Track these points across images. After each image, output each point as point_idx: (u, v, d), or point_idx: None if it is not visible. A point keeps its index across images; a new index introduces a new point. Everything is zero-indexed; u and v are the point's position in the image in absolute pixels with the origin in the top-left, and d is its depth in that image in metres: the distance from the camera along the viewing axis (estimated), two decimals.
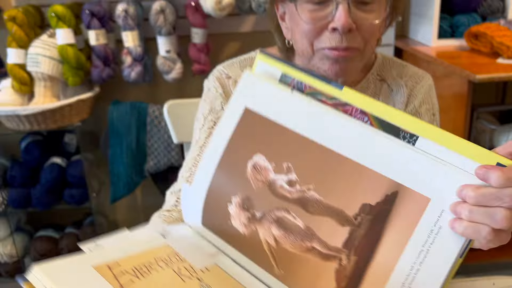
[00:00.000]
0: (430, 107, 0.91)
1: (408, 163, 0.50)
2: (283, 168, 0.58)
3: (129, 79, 1.96)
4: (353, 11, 0.73)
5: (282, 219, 0.57)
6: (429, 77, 0.93)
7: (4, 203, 2.03)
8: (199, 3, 1.87)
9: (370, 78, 0.90)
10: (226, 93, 0.89)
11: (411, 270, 0.49)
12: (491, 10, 2.00)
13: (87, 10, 1.87)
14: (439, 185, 0.49)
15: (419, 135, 0.50)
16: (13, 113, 1.83)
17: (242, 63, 0.92)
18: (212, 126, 0.88)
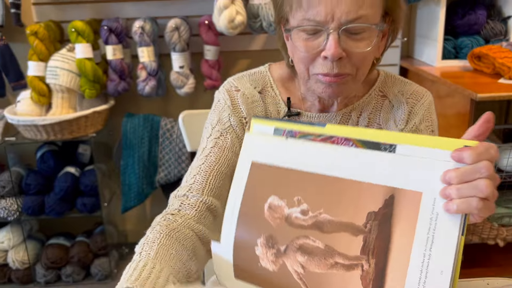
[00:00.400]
0: (430, 124, 0.94)
1: (395, 168, 0.59)
2: (295, 202, 0.66)
3: (143, 93, 2.03)
4: (344, 40, 0.76)
5: (304, 245, 0.64)
6: (429, 95, 0.96)
7: (19, 210, 2.09)
8: (212, 22, 1.96)
9: (373, 94, 0.94)
10: (233, 105, 0.93)
11: (424, 256, 0.55)
12: (494, 33, 2.07)
13: (105, 26, 1.96)
14: (425, 178, 0.57)
15: (397, 143, 0.60)
16: (32, 123, 1.91)
17: (251, 76, 0.97)
18: (219, 137, 0.91)
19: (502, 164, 1.83)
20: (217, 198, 0.85)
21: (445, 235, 0.55)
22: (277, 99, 0.94)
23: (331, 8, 0.73)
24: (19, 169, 2.17)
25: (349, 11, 0.73)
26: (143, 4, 2.11)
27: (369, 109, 0.93)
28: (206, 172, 0.86)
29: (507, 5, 2.08)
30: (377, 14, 0.77)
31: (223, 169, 0.87)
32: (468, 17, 2.08)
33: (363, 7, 0.73)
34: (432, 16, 2.09)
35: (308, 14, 0.75)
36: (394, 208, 0.58)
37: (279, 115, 0.94)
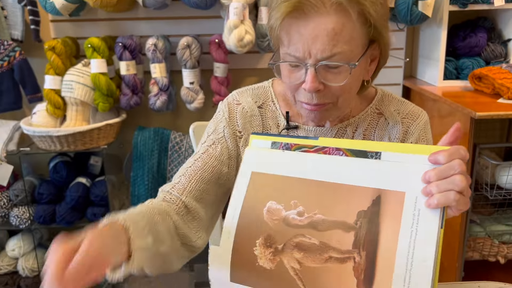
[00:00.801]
0: (426, 143, 0.99)
1: (380, 172, 0.69)
2: (291, 205, 0.73)
3: (154, 107, 2.11)
4: (321, 74, 0.81)
5: (300, 243, 0.70)
6: (424, 114, 1.00)
7: (30, 218, 2.15)
8: (222, 40, 2.04)
9: (369, 111, 0.99)
10: (230, 119, 1.00)
11: (409, 247, 0.63)
12: (494, 55, 2.13)
13: (120, 43, 2.05)
14: (407, 180, 0.66)
15: (382, 151, 0.70)
16: (47, 133, 1.98)
17: (254, 90, 1.04)
18: (210, 145, 0.99)
19: (502, 182, 1.88)
20: (197, 200, 0.91)
21: (427, 228, 0.63)
22: (277, 113, 1.01)
23: (308, 46, 0.79)
24: (32, 178, 2.24)
25: (324, 49, 0.79)
26: (156, 23, 2.20)
27: (365, 126, 0.98)
28: (190, 176, 0.93)
29: (507, 28, 2.16)
30: (355, 49, 0.81)
31: (206, 175, 0.94)
32: (469, 39, 2.15)
33: (337, 46, 0.78)
34: (434, 38, 2.16)
35: (290, 50, 0.82)
36: (381, 206, 0.67)
37: (279, 128, 0.99)
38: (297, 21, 0.80)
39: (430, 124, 1.02)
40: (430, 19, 2.07)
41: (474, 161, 1.81)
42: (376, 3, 0.80)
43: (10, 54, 2.10)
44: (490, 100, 1.87)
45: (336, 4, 0.77)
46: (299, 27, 0.80)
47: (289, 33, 0.82)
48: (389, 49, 0.89)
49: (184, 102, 2.15)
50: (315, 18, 0.78)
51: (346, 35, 0.79)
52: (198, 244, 0.90)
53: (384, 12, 0.83)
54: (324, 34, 0.78)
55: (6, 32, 2.13)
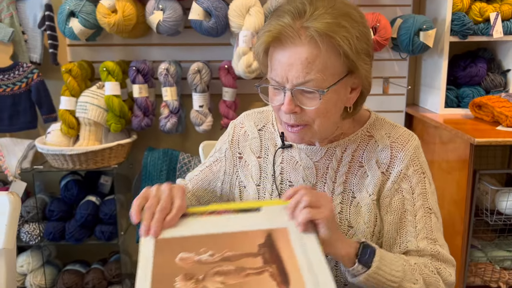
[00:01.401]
0: (419, 167, 1.02)
1: (263, 219, 0.91)
2: (202, 252, 0.84)
3: (164, 129, 2.19)
4: (297, 97, 0.91)
5: (219, 271, 0.80)
6: (414, 139, 1.04)
7: (40, 235, 2.21)
8: (231, 66, 2.13)
9: (360, 133, 1.05)
10: (233, 141, 1.16)
11: (305, 258, 0.81)
12: (494, 84, 2.21)
13: (133, 67, 2.14)
14: (283, 220, 0.89)
15: (259, 206, 0.94)
16: (60, 152, 2.06)
17: (259, 114, 1.17)
18: (214, 161, 1.18)
19: (502, 207, 1.92)
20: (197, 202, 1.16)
21: (310, 241, 0.84)
22: (275, 134, 1.12)
23: (285, 72, 0.90)
24: (43, 196, 2.31)
25: (298, 76, 0.89)
26: (169, 49, 2.30)
27: (354, 147, 1.05)
28: (194, 182, 1.18)
29: (506, 59, 2.24)
30: (328, 77, 0.89)
31: (205, 185, 1.17)
32: (470, 69, 2.23)
33: (311, 73, 0.88)
34: (435, 67, 2.25)
35: (272, 75, 0.93)
36: (274, 238, 0.86)
37: (276, 147, 1.11)
38: (277, 50, 0.91)
39: (432, 150, 1.08)
40: (431, 49, 2.16)
41: (474, 186, 1.86)
42: (350, 38, 0.88)
43: (29, 76, 2.20)
44: (490, 128, 1.93)
45: (310, 37, 0.87)
46: (278, 55, 0.91)
47: (271, 60, 0.93)
48: (369, 80, 0.96)
49: (193, 124, 2.23)
50: (291, 48, 0.88)
51: (319, 64, 0.88)
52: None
53: (362, 47, 0.90)
54: (298, 63, 0.88)
55: (26, 55, 2.23)
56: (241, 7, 2.01)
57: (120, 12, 2.01)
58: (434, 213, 1.03)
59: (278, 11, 0.93)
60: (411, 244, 1.00)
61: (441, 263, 1.00)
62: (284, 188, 1.09)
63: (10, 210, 0.97)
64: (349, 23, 0.88)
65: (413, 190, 1.02)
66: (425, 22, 2.08)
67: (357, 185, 1.04)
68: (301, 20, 0.88)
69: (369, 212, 1.02)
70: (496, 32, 2.10)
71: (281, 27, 0.88)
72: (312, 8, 0.88)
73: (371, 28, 2.06)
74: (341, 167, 1.05)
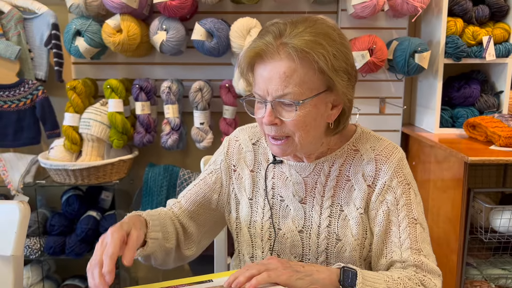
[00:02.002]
0: (402, 179, 1.05)
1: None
2: None
3: (165, 145, 2.23)
4: (277, 109, 0.97)
5: None
6: (398, 151, 1.08)
7: (41, 249, 2.23)
8: (232, 85, 2.19)
9: (346, 147, 1.09)
10: (228, 154, 1.19)
11: None
12: (487, 105, 2.27)
13: (137, 85, 2.20)
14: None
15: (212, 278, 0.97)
16: (63, 167, 2.10)
17: (252, 129, 1.21)
18: (209, 174, 1.20)
19: (496, 225, 1.96)
20: (190, 218, 1.17)
21: None
22: (267, 150, 1.16)
23: (265, 86, 0.96)
24: (45, 210, 2.34)
25: (277, 89, 0.95)
26: (171, 68, 2.37)
27: (341, 161, 1.09)
28: (187, 197, 1.19)
29: (499, 81, 2.30)
30: (306, 91, 0.94)
31: (199, 199, 1.18)
32: (464, 90, 2.29)
33: (288, 87, 0.94)
34: (430, 88, 2.31)
35: (255, 89, 1.00)
36: None
37: (268, 162, 1.15)
38: (259, 65, 0.98)
39: (427, 169, 1.12)
40: (426, 70, 2.23)
41: (468, 204, 1.90)
42: (326, 55, 0.93)
43: (34, 93, 2.25)
44: (483, 147, 1.98)
45: (288, 53, 0.93)
46: (260, 70, 0.98)
47: (255, 75, 1.00)
48: (349, 97, 1.01)
49: (194, 141, 2.27)
50: (271, 63, 0.95)
51: (297, 78, 0.94)
52: (187, 253, 1.16)
53: (339, 64, 0.95)
54: (277, 77, 0.94)
55: (32, 72, 2.29)
56: (242, 29, 2.08)
57: (125, 32, 2.07)
58: (420, 223, 1.04)
59: (262, 31, 1.00)
60: (395, 255, 1.02)
61: (426, 274, 1.00)
62: (275, 203, 1.13)
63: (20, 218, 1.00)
64: (326, 42, 0.94)
65: (398, 201, 1.04)
66: (420, 45, 2.16)
67: (345, 199, 1.07)
68: (281, 39, 0.95)
69: (357, 225, 1.05)
70: (489, 55, 2.17)
71: (263, 44, 0.95)
72: (292, 27, 0.96)
73: (367, 50, 2.13)
74: (329, 182, 1.08)
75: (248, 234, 1.15)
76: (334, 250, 1.07)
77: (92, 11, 2.14)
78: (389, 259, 1.03)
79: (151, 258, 1.07)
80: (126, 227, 0.92)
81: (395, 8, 2.17)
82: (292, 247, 1.10)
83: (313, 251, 1.09)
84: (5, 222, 1.00)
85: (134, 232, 0.92)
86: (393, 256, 1.02)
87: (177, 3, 2.03)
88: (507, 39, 2.21)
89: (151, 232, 0.99)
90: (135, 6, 2.06)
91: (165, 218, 1.11)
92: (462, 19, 2.21)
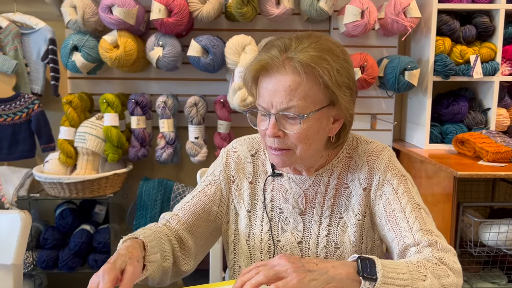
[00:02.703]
0: (396, 171, 1.07)
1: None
2: None
3: (160, 159, 2.25)
4: (281, 122, 0.99)
5: None
6: (388, 150, 1.11)
7: (33, 263, 2.22)
8: (227, 100, 2.23)
9: (341, 156, 1.11)
10: (227, 165, 1.19)
11: None
12: (475, 122, 2.33)
13: (133, 99, 2.23)
14: None
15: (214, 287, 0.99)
16: (58, 180, 2.11)
17: (250, 140, 1.22)
18: (207, 185, 1.18)
19: (485, 239, 1.99)
20: (188, 232, 1.13)
21: None
22: (265, 162, 1.17)
23: (270, 98, 0.98)
24: (38, 224, 2.34)
25: (282, 101, 0.97)
26: (167, 83, 2.40)
27: (338, 170, 1.12)
28: (186, 210, 1.16)
29: (487, 98, 2.36)
30: (310, 105, 0.97)
31: (198, 211, 1.16)
32: (452, 107, 2.35)
33: (293, 100, 0.96)
34: (420, 105, 2.37)
35: (259, 101, 1.01)
36: None
37: (266, 174, 1.16)
38: (264, 78, 1.00)
39: (418, 184, 1.13)
40: (416, 87, 2.29)
41: (458, 218, 1.94)
42: (331, 70, 0.96)
43: (29, 107, 2.27)
44: (472, 162, 2.03)
45: (293, 67, 0.96)
46: (265, 83, 0.99)
47: (259, 88, 1.02)
48: (350, 112, 1.03)
49: (189, 155, 2.30)
50: (277, 76, 0.97)
51: (301, 92, 0.96)
52: (185, 268, 1.12)
53: (342, 80, 0.98)
54: (282, 90, 0.96)
55: (28, 87, 2.31)
56: (237, 46, 2.13)
57: (122, 48, 2.11)
58: (423, 208, 1.04)
59: (268, 45, 1.02)
60: (407, 239, 0.99)
61: (442, 253, 0.95)
62: (274, 215, 1.14)
63: (21, 227, 1.02)
64: (330, 57, 0.97)
65: (396, 191, 1.05)
66: (409, 63, 2.22)
67: (344, 206, 1.10)
68: (287, 53, 0.97)
69: (355, 232, 1.08)
70: (476, 73, 2.23)
71: (268, 58, 0.98)
72: (297, 42, 0.98)
73: (359, 67, 2.19)
74: (329, 191, 1.11)
75: (246, 247, 1.15)
76: (333, 258, 1.08)
77: (90, 27, 2.18)
78: (401, 245, 1.00)
79: (148, 279, 1.03)
80: (120, 264, 0.88)
81: (385, 27, 2.23)
82: None
83: None
84: (6, 231, 1.02)
85: (130, 268, 0.88)
86: (405, 241, 0.99)
87: (173, 20, 2.08)
88: (494, 58, 2.28)
89: (149, 255, 0.96)
90: (132, 22, 2.10)
91: (161, 236, 1.07)
92: (450, 39, 2.28)
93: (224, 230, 1.21)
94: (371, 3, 2.17)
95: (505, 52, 2.31)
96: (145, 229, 1.06)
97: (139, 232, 1.01)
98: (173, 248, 1.09)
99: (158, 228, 1.09)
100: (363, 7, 2.15)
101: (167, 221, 1.14)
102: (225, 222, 1.20)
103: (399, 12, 2.16)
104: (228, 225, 1.19)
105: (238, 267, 1.19)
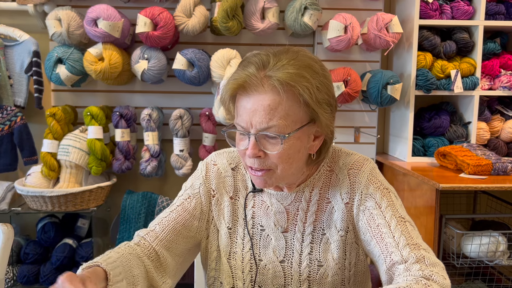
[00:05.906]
0: (378, 185, 1.05)
1: None
2: None
3: (144, 172, 2.24)
4: (261, 142, 0.95)
5: None
6: (369, 162, 1.08)
7: (14, 278, 2.18)
8: (212, 113, 2.23)
9: (322, 170, 1.08)
10: (207, 178, 1.13)
11: None
12: (456, 135, 2.37)
13: (117, 112, 2.22)
14: None
15: None
16: (40, 194, 2.08)
17: (230, 154, 1.16)
18: (186, 199, 1.11)
19: (467, 251, 2.02)
20: (166, 249, 1.05)
21: None
22: (245, 178, 1.13)
23: (249, 118, 0.94)
24: (19, 238, 2.29)
25: (262, 121, 0.93)
26: (152, 96, 2.40)
27: (320, 185, 1.09)
28: (164, 225, 1.07)
29: (467, 112, 2.41)
30: (291, 124, 0.94)
31: (178, 227, 1.08)
32: (434, 121, 2.39)
33: (273, 119, 0.93)
34: (403, 118, 2.41)
35: (238, 120, 0.98)
36: None
37: (247, 190, 1.12)
38: (243, 97, 0.96)
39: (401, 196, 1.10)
40: (398, 101, 2.32)
41: (440, 230, 1.96)
42: (310, 88, 0.94)
43: (12, 119, 2.25)
44: (453, 175, 2.06)
45: (272, 86, 0.93)
46: (243, 101, 0.96)
47: (237, 106, 0.98)
48: (331, 128, 1.02)
49: (174, 168, 2.29)
50: (255, 95, 0.94)
51: (281, 111, 0.93)
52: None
53: (322, 97, 0.96)
54: (261, 109, 0.93)
55: (10, 99, 2.29)
56: (222, 59, 2.14)
57: (107, 60, 2.11)
58: (408, 221, 1.02)
59: (244, 61, 0.98)
60: (394, 255, 0.96)
61: (431, 268, 0.93)
62: (255, 233, 1.10)
63: (3, 240, 1.00)
64: (310, 74, 0.94)
65: (380, 205, 1.03)
66: (392, 77, 2.26)
67: (326, 222, 1.07)
68: (265, 70, 0.94)
69: (337, 249, 1.06)
70: (457, 88, 2.28)
71: (246, 76, 0.94)
72: (275, 59, 0.95)
73: (342, 81, 2.22)
74: (310, 206, 1.08)
75: (228, 265, 1.11)
76: (316, 276, 1.06)
77: (75, 39, 2.17)
78: (389, 262, 0.97)
79: None
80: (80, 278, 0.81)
81: (368, 42, 2.28)
82: (274, 278, 1.08)
83: (295, 280, 1.07)
84: None
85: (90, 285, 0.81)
86: (392, 257, 0.96)
87: (159, 33, 2.09)
88: (473, 73, 2.34)
89: (112, 285, 0.88)
90: (117, 35, 2.11)
91: (130, 260, 0.96)
92: (431, 54, 2.33)
93: (203, 246, 1.15)
94: (354, 19, 2.21)
95: (484, 67, 2.36)
96: (112, 251, 0.97)
97: (102, 258, 0.91)
98: (146, 270, 1.00)
99: (128, 249, 1.00)
100: (347, 22, 2.18)
101: (142, 238, 1.06)
102: (204, 238, 1.14)
103: (381, 28, 2.20)
104: (207, 240, 1.14)
105: (220, 284, 1.14)
